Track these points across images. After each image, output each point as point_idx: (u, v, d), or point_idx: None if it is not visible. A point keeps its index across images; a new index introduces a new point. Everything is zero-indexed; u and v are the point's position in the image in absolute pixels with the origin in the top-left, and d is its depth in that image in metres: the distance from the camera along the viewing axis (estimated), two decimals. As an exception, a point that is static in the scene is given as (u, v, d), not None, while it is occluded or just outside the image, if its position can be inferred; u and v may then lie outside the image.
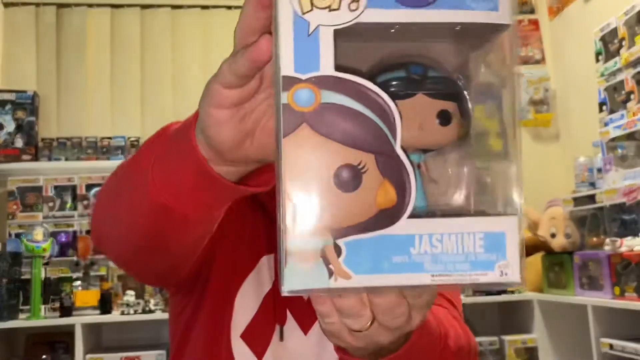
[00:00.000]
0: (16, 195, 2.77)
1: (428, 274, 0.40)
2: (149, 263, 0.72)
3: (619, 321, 2.18)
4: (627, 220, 2.28)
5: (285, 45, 0.39)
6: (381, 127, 0.40)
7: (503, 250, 0.41)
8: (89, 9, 3.09)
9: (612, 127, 2.34)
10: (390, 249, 0.40)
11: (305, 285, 0.39)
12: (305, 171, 0.39)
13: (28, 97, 2.81)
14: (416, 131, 0.43)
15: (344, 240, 0.39)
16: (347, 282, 0.39)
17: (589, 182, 2.57)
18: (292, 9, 0.39)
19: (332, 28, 0.39)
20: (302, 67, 0.39)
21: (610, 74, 2.40)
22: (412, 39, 0.43)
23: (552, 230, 2.50)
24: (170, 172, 0.57)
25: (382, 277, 0.40)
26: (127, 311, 2.46)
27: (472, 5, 0.40)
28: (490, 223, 0.41)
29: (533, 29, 3.33)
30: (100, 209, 0.70)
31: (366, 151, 0.40)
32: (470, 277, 0.40)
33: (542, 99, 3.22)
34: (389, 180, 0.40)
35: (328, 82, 0.39)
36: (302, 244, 0.39)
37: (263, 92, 0.49)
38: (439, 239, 0.40)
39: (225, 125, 0.49)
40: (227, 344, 0.79)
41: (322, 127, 0.39)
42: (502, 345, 2.62)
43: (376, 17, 0.39)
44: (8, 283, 2.38)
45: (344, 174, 0.39)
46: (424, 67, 0.44)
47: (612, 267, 2.15)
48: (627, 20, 2.31)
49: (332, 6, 0.39)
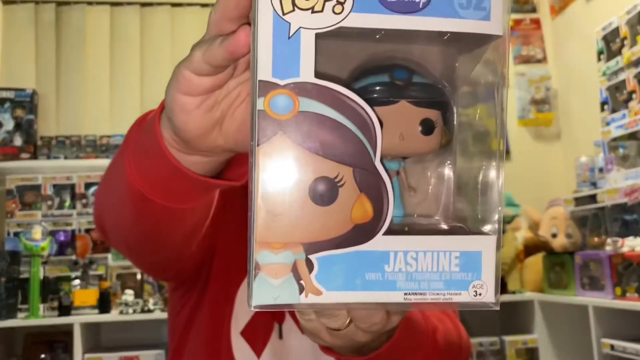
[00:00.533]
0: (15, 193, 2.76)
1: (401, 292, 0.39)
2: (144, 253, 0.72)
3: (620, 322, 2.17)
4: (628, 220, 2.27)
5: (264, 47, 0.37)
6: (361, 139, 0.38)
7: (479, 270, 0.40)
8: (88, 7, 3.08)
9: (613, 126, 2.33)
10: (364, 265, 0.38)
11: (274, 300, 0.38)
12: (280, 182, 0.37)
13: (27, 95, 2.80)
14: (397, 139, 0.42)
15: (316, 256, 0.38)
16: (317, 299, 0.38)
17: (590, 181, 2.56)
18: (272, 8, 0.37)
19: (314, 31, 0.37)
20: (280, 71, 0.37)
21: (612, 74, 2.39)
22: (398, 40, 0.41)
23: (553, 230, 2.49)
24: (143, 164, 0.56)
25: (354, 294, 0.38)
26: (126, 310, 2.45)
27: (462, 13, 0.38)
28: (467, 242, 0.40)
29: (534, 27, 3.32)
30: (99, 197, 0.70)
31: (344, 164, 0.38)
32: (443, 296, 0.39)
33: (543, 98, 3.21)
34: (366, 195, 0.38)
35: (307, 89, 0.37)
36: (272, 257, 0.38)
37: (235, 79, 0.47)
38: (414, 256, 0.39)
39: (193, 113, 0.47)
40: (227, 341, 0.79)
41: (299, 136, 0.37)
42: (503, 345, 2.61)
43: (361, 22, 0.37)
44: (6, 282, 2.38)
45: (320, 186, 0.38)
46: (409, 71, 0.42)
47: (613, 268, 2.14)
48: (629, 19, 2.30)
49: (315, 8, 0.37)
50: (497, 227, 0.41)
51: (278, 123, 0.37)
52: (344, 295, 0.38)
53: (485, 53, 0.41)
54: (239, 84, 0.48)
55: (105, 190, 0.67)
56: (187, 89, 0.45)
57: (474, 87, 0.43)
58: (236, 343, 0.78)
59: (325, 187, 0.38)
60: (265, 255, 0.38)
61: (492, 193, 0.41)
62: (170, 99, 0.47)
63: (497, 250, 0.40)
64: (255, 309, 0.38)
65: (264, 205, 0.37)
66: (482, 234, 0.41)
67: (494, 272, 0.40)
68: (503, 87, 0.41)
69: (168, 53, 3.09)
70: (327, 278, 0.38)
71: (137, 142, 0.57)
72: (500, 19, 0.39)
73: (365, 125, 0.38)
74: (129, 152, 0.57)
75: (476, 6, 0.39)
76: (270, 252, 0.38)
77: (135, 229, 0.64)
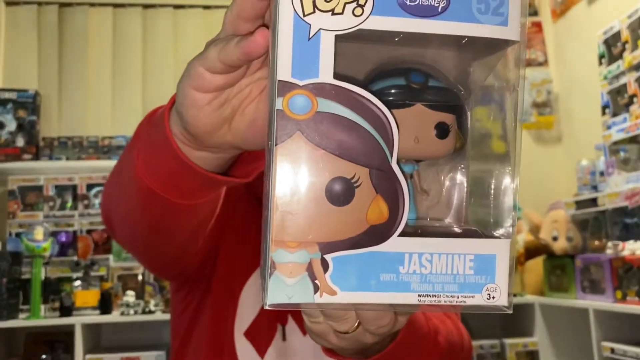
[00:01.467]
0: (17, 194, 2.76)
1: (415, 293, 0.39)
2: (149, 248, 0.72)
3: (620, 325, 2.17)
4: (629, 224, 2.27)
5: (284, 48, 0.37)
6: (378, 140, 0.38)
7: (493, 273, 0.40)
8: (90, 8, 3.09)
9: (614, 130, 2.33)
10: (379, 266, 0.39)
11: (289, 300, 0.38)
12: (297, 182, 0.38)
13: (29, 96, 2.80)
14: (412, 142, 0.42)
15: (332, 256, 0.38)
16: (332, 298, 0.38)
17: (591, 185, 2.56)
18: (293, 9, 0.37)
19: (333, 33, 0.37)
20: (300, 72, 0.37)
21: (613, 77, 2.39)
22: (415, 44, 0.42)
23: (554, 234, 2.49)
24: (152, 159, 0.56)
25: (369, 295, 0.39)
26: (127, 311, 2.45)
27: (480, 18, 0.39)
28: (481, 245, 0.40)
29: (536, 31, 3.33)
30: (107, 189, 0.70)
31: (361, 164, 0.38)
32: (457, 299, 0.40)
33: (544, 101, 3.22)
34: (382, 196, 0.39)
35: (326, 90, 0.38)
36: (288, 256, 0.38)
37: (247, 77, 0.48)
38: (429, 258, 0.39)
39: (203, 109, 0.47)
40: (231, 341, 0.79)
41: (316, 136, 0.38)
42: (503, 348, 2.61)
43: (380, 24, 0.38)
44: (8, 282, 2.38)
45: (336, 187, 0.38)
46: (425, 75, 0.43)
47: (614, 271, 2.14)
48: (631, 23, 2.30)
49: (335, 10, 0.37)
50: (511, 231, 0.41)
51: (296, 123, 0.37)
52: (359, 295, 0.39)
53: (501, 59, 0.42)
54: (251, 82, 0.48)
55: (114, 183, 0.67)
56: (200, 85, 0.46)
57: (488, 92, 0.43)
58: (239, 343, 0.79)
59: (341, 187, 0.38)
60: (280, 254, 0.38)
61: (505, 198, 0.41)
62: (182, 94, 0.47)
63: (511, 255, 0.40)
64: (270, 307, 0.38)
65: (281, 204, 0.38)
66: (496, 237, 0.41)
67: (508, 276, 0.40)
68: (518, 93, 0.41)
69: (170, 55, 3.10)
70: (342, 278, 0.38)
71: (146, 137, 0.57)
72: (517, 25, 0.40)
73: (382, 126, 0.38)
74: (138, 146, 0.58)
75: (494, 11, 0.39)
76: (286, 251, 0.38)
77: (141, 222, 0.65)
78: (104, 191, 0.72)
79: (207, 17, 3.14)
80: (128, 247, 0.77)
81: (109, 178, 0.70)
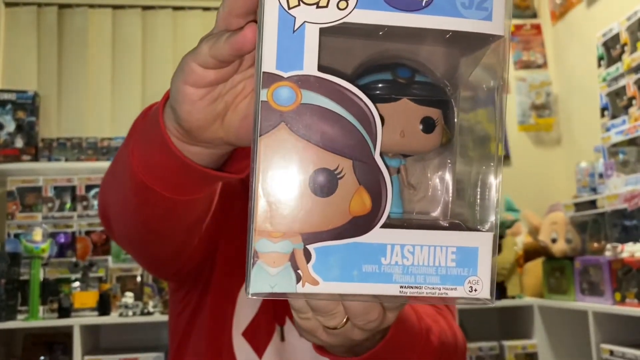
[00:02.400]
0: (15, 195, 2.76)
1: (397, 285, 0.39)
2: (144, 246, 0.72)
3: (619, 327, 2.17)
4: (628, 226, 2.27)
5: (269, 40, 0.38)
6: (361, 132, 0.39)
7: (475, 265, 0.40)
8: (90, 10, 3.09)
9: (613, 132, 2.34)
10: (361, 257, 0.39)
11: (271, 289, 0.38)
12: (280, 172, 0.38)
13: (29, 97, 2.80)
14: (398, 136, 0.42)
15: (314, 246, 0.39)
16: (314, 288, 0.39)
17: (590, 187, 2.56)
18: (279, 2, 0.38)
19: (318, 26, 0.38)
20: (284, 64, 0.38)
21: (612, 79, 2.39)
22: (402, 39, 0.42)
23: (553, 236, 2.49)
24: (146, 154, 0.57)
25: (351, 285, 0.39)
26: (126, 313, 2.45)
27: (464, 13, 0.39)
28: (464, 238, 0.40)
29: (535, 33, 3.33)
30: (103, 190, 0.71)
31: (344, 156, 0.39)
32: (439, 290, 0.40)
33: (543, 103, 3.22)
34: (365, 187, 0.39)
35: (310, 82, 0.38)
36: (271, 246, 0.38)
37: (240, 73, 0.48)
38: (411, 250, 0.39)
39: (196, 104, 0.48)
40: (229, 341, 0.79)
41: (300, 128, 0.38)
42: (502, 350, 2.61)
43: (365, 18, 0.38)
44: (6, 283, 2.38)
45: (319, 178, 0.38)
46: (411, 70, 0.43)
47: (613, 273, 2.14)
48: (630, 25, 2.30)
49: (320, 3, 0.38)
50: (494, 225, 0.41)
51: (280, 114, 0.38)
52: (341, 286, 0.39)
53: (485, 55, 0.42)
54: (244, 78, 0.49)
55: (110, 180, 0.68)
56: (193, 80, 0.47)
57: (474, 90, 0.43)
58: (238, 344, 0.79)
59: (324, 179, 0.39)
60: (263, 244, 0.38)
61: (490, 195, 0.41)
62: (175, 89, 0.48)
63: (493, 248, 0.40)
64: (252, 296, 0.39)
65: (264, 195, 0.38)
66: (479, 230, 0.42)
67: (490, 269, 0.40)
68: (503, 91, 0.41)
69: (169, 56, 3.10)
70: (325, 268, 0.39)
71: (141, 132, 0.58)
72: (501, 20, 0.40)
73: (365, 119, 0.39)
74: (133, 142, 0.58)
75: (478, 6, 0.39)
76: (269, 241, 0.38)
77: (137, 219, 0.65)
78: (101, 189, 0.72)
79: (207, 19, 3.14)
80: (125, 245, 0.77)
81: (105, 176, 0.70)
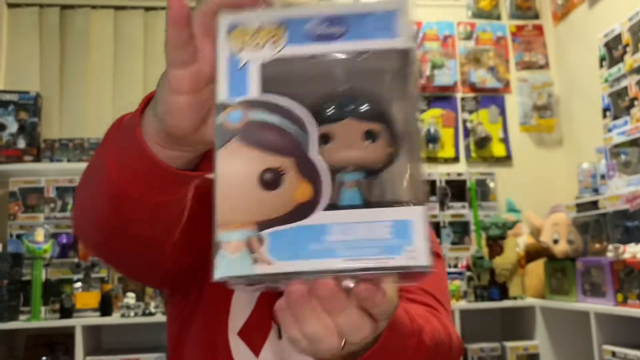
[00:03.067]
0: (18, 196, 2.77)
1: (341, 259, 0.45)
2: (121, 252, 0.70)
3: (621, 328, 2.17)
4: (630, 227, 2.27)
5: (222, 78, 0.49)
6: (297, 136, 0.48)
7: (410, 236, 0.45)
8: (92, 10, 3.10)
9: (615, 133, 2.34)
10: (307, 237, 0.45)
11: (232, 272, 0.45)
12: (234, 175, 0.47)
13: (31, 98, 2.81)
14: (345, 150, 0.49)
15: (267, 232, 0.46)
16: (268, 268, 0.45)
17: (592, 188, 2.56)
18: (229, 50, 0.49)
19: (258, 62, 0.49)
20: (234, 93, 0.49)
21: (614, 80, 2.40)
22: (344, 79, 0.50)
23: (554, 237, 2.49)
24: (121, 156, 0.58)
25: (300, 262, 0.45)
26: (128, 313, 2.45)
27: (374, 35, 0.49)
28: (398, 212, 0.46)
29: (537, 34, 3.33)
30: (77, 198, 0.70)
31: (285, 156, 0.47)
32: (380, 260, 0.45)
33: (545, 104, 3.22)
34: (306, 179, 0.47)
35: (254, 103, 0.48)
36: (231, 236, 0.46)
37: None
38: (351, 227, 0.45)
39: (186, 110, 0.52)
40: (225, 342, 0.79)
41: (248, 139, 0.47)
42: (504, 351, 2.61)
43: (294, 51, 0.49)
44: (8, 284, 2.38)
45: (266, 176, 0.47)
46: (354, 97, 0.50)
47: (614, 274, 2.14)
48: (632, 26, 2.31)
49: (259, 45, 0.49)
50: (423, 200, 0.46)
51: (232, 131, 0.48)
52: (292, 264, 0.45)
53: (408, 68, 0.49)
54: None
55: (83, 190, 0.67)
56: (175, 86, 0.52)
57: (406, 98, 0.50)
58: (234, 343, 0.79)
59: (271, 176, 0.47)
60: (225, 235, 0.46)
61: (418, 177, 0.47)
62: (163, 102, 0.53)
63: (424, 219, 0.45)
64: (218, 280, 0.46)
65: (223, 195, 0.47)
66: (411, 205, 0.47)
67: (425, 239, 0.45)
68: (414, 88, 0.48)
69: (171, 57, 3.10)
70: (277, 250, 0.45)
71: (116, 138, 0.60)
72: (407, 36, 0.48)
73: (299, 124, 0.48)
74: (108, 147, 0.60)
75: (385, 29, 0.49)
76: (229, 232, 0.46)
77: (111, 223, 0.64)
78: (75, 202, 0.70)
79: (209, 20, 3.15)
80: (101, 254, 0.74)
81: (77, 191, 0.69)
